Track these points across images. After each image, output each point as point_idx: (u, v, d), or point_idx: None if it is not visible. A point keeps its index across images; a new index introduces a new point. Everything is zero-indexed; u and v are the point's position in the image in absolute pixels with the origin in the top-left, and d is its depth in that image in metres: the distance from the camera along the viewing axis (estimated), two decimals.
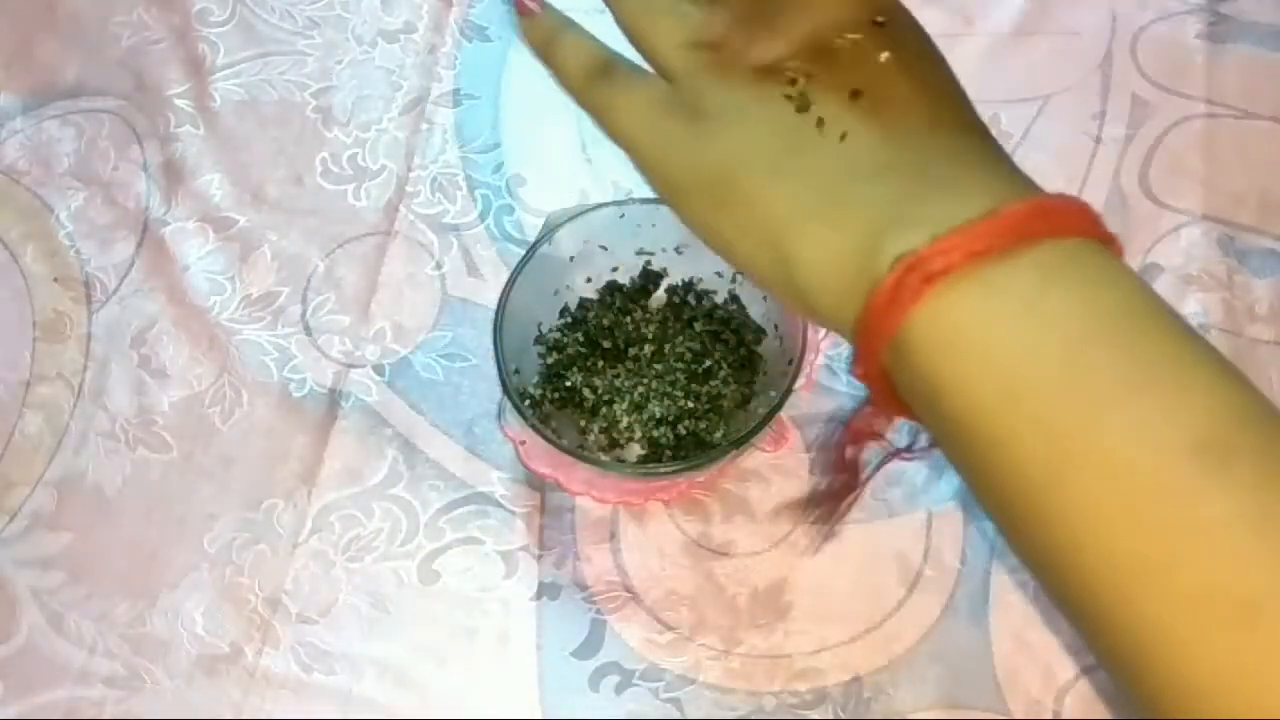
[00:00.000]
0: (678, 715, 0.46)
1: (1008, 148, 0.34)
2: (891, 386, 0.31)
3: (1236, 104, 0.57)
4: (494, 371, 0.46)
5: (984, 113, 0.34)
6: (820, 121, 0.32)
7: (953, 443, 0.30)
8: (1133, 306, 0.29)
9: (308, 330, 0.55)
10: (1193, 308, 0.52)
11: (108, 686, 0.48)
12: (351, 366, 0.54)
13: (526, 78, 0.60)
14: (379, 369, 0.54)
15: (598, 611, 0.48)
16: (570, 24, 0.38)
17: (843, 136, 0.32)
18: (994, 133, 0.34)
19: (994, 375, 0.29)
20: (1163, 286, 0.53)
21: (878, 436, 0.36)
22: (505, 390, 0.45)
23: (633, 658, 0.47)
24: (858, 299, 0.30)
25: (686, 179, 0.34)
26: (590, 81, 0.36)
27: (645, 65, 0.35)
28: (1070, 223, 0.30)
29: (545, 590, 0.49)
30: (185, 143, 0.59)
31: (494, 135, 0.59)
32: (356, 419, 0.52)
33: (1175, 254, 0.54)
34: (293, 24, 0.62)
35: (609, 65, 0.36)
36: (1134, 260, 0.54)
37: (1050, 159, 0.56)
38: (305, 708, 0.47)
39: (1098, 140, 0.56)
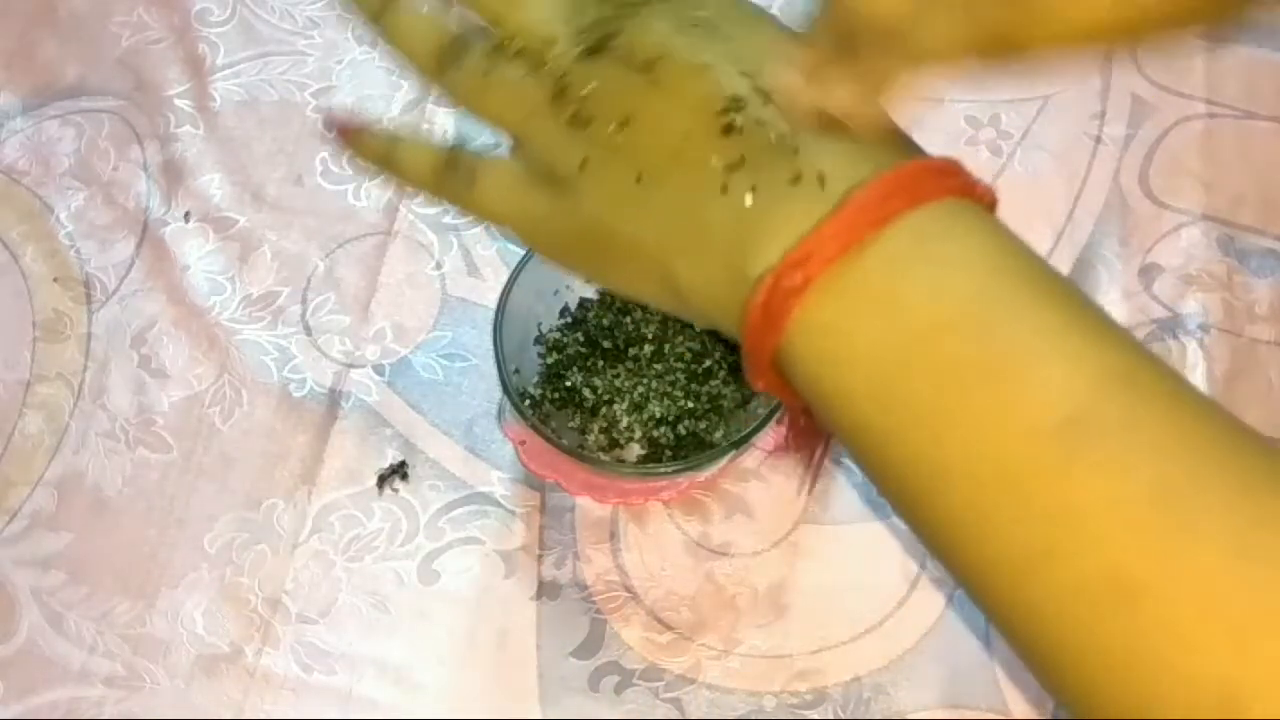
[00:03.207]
0: (678, 715, 0.46)
1: (1008, 148, 0.34)
2: (791, 390, 0.31)
3: (1236, 104, 0.57)
4: (494, 371, 0.46)
5: (984, 113, 0.34)
6: (675, 156, 0.31)
7: (844, 442, 0.30)
8: (989, 281, 0.28)
9: (308, 330, 0.55)
10: (1193, 308, 0.52)
11: (108, 686, 0.48)
12: (351, 366, 0.54)
13: None
14: (379, 369, 0.54)
15: (597, 611, 0.48)
16: (397, 133, 0.38)
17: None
18: (994, 133, 0.34)
19: (864, 376, 0.28)
20: (1163, 286, 0.53)
21: (814, 437, 0.36)
22: (505, 390, 0.45)
23: (633, 658, 0.48)
24: (739, 319, 0.30)
25: (565, 241, 0.34)
26: (440, 179, 0.36)
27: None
28: (924, 189, 0.29)
29: (545, 590, 0.49)
30: (185, 143, 0.59)
31: (494, 135, 0.59)
32: (356, 419, 0.52)
33: (1175, 254, 0.54)
34: (293, 24, 0.62)
35: (453, 158, 0.36)
36: (1134, 260, 0.54)
37: (1050, 159, 0.56)
38: (305, 708, 0.47)
39: (1098, 140, 0.56)
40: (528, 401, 0.48)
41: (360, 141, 0.38)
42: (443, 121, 0.59)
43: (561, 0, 0.34)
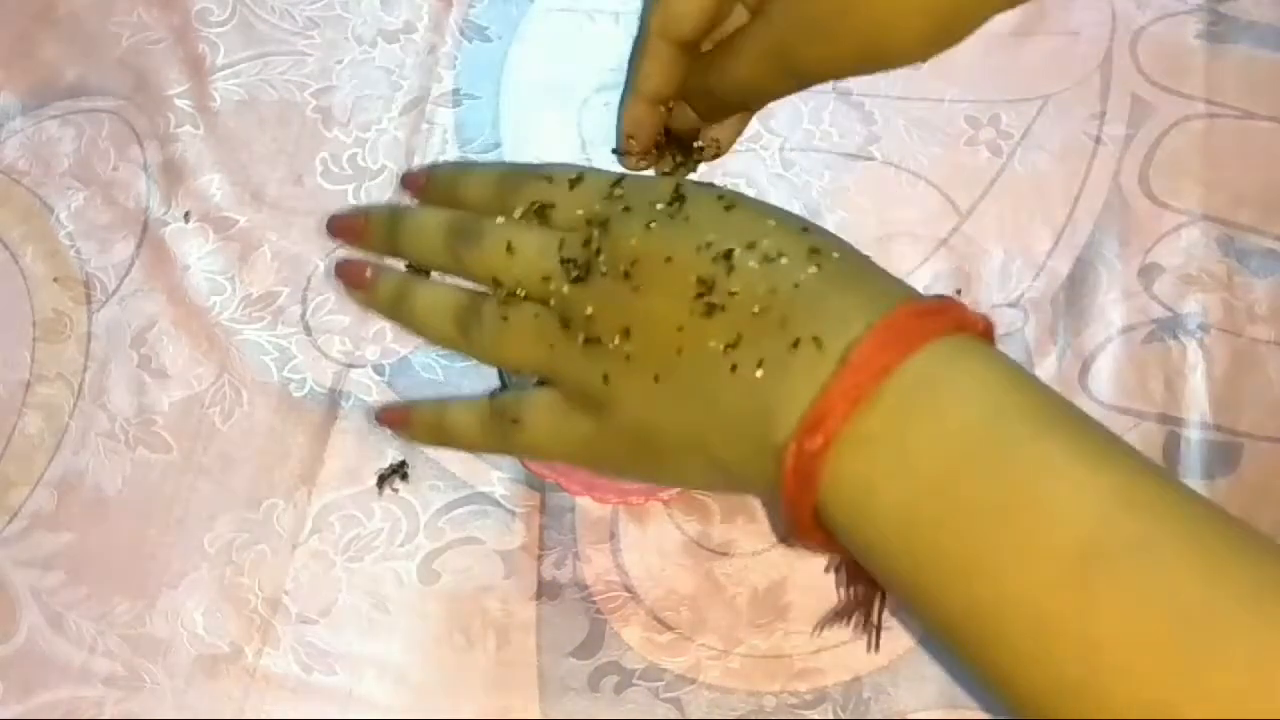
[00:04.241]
0: (678, 715, 0.46)
1: (1008, 148, 0.34)
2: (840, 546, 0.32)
3: (1236, 104, 0.57)
4: (494, 371, 0.46)
5: (984, 113, 0.34)
6: (678, 350, 0.32)
7: (893, 595, 0.31)
8: (988, 420, 0.29)
9: (308, 330, 0.55)
10: (1193, 308, 0.52)
11: (108, 686, 0.48)
12: (351, 366, 0.54)
13: (526, 78, 0.60)
14: (379, 369, 0.54)
15: (597, 611, 0.48)
16: (414, 277, 0.39)
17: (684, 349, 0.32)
18: (994, 133, 0.34)
19: (890, 534, 0.29)
20: (1163, 286, 0.53)
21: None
22: (505, 390, 0.45)
23: (633, 658, 0.48)
24: (778, 488, 0.31)
25: (615, 454, 0.35)
26: (488, 433, 0.38)
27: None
28: (921, 331, 0.30)
29: (545, 590, 0.49)
30: (185, 143, 0.59)
31: (494, 135, 0.59)
32: (356, 419, 0.52)
33: (1175, 254, 0.54)
34: (293, 24, 0.62)
35: (497, 407, 0.37)
36: (1134, 260, 0.54)
37: (1050, 159, 0.56)
38: (305, 708, 0.47)
39: (1098, 140, 0.56)
40: None
41: (371, 289, 0.39)
42: (443, 121, 0.59)
43: (546, 238, 0.35)
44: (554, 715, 0.47)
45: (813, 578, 0.48)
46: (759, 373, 0.31)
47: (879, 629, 0.39)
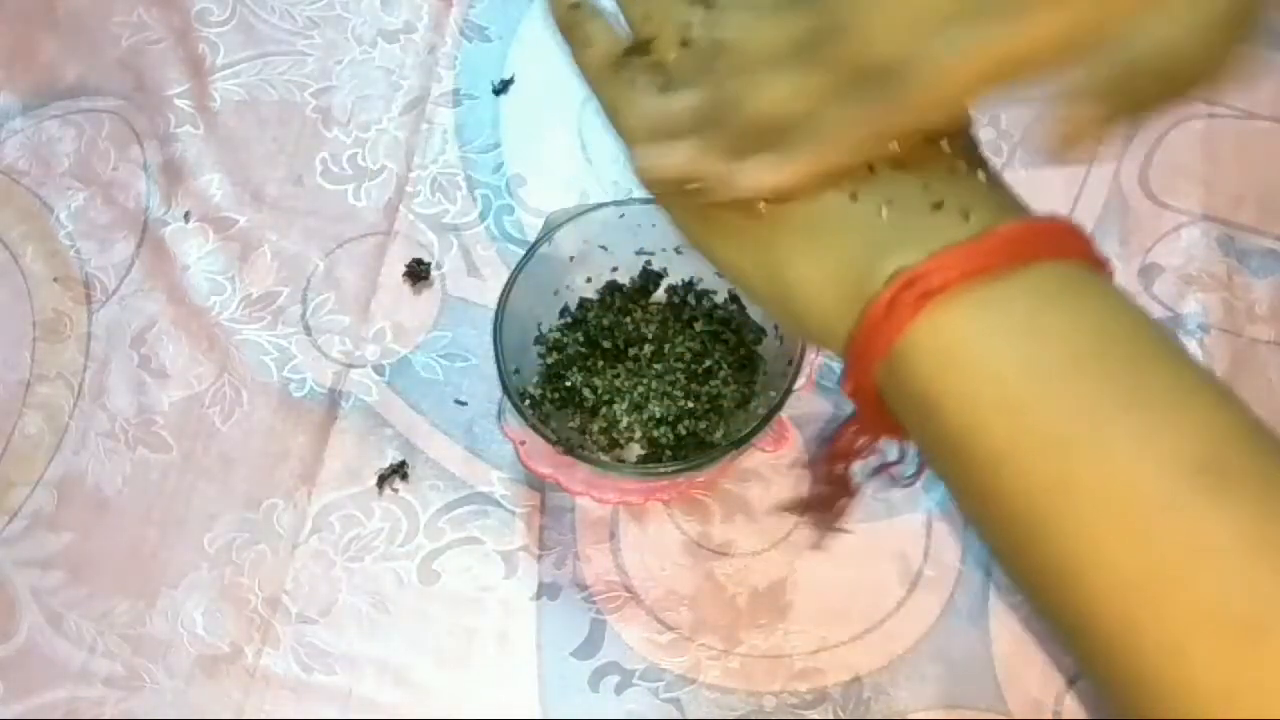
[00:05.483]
0: (678, 715, 0.46)
1: (1008, 148, 0.34)
2: (882, 404, 0.31)
3: (1236, 104, 0.57)
4: (494, 371, 0.46)
5: (984, 112, 0.34)
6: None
7: (949, 460, 0.30)
8: (1127, 329, 0.29)
9: (308, 330, 0.55)
10: (1193, 308, 0.52)
11: (108, 686, 0.48)
12: (351, 366, 0.54)
13: (526, 78, 0.60)
14: (379, 369, 0.54)
15: (598, 611, 0.48)
16: (595, 8, 0.37)
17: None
18: (994, 133, 0.34)
19: (993, 391, 0.29)
20: (1163, 286, 0.53)
21: (859, 455, 0.36)
22: (505, 390, 0.45)
23: (633, 658, 0.48)
24: (851, 315, 0.30)
25: (685, 203, 0.34)
26: (605, 73, 0.35)
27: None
28: (1064, 245, 0.30)
29: (545, 590, 0.49)
30: (185, 143, 0.59)
31: (494, 135, 0.59)
32: (356, 419, 0.52)
33: (1175, 254, 0.54)
34: (293, 24, 0.62)
35: (625, 60, 0.35)
36: (1134, 260, 0.54)
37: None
38: (305, 708, 0.47)
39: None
40: (528, 401, 0.48)
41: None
42: (443, 121, 0.59)
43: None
44: (554, 715, 0.47)
45: (813, 578, 0.48)
46: (884, 211, 0.30)
47: (824, 536, 0.37)
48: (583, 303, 0.51)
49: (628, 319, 0.50)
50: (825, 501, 0.39)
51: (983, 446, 0.29)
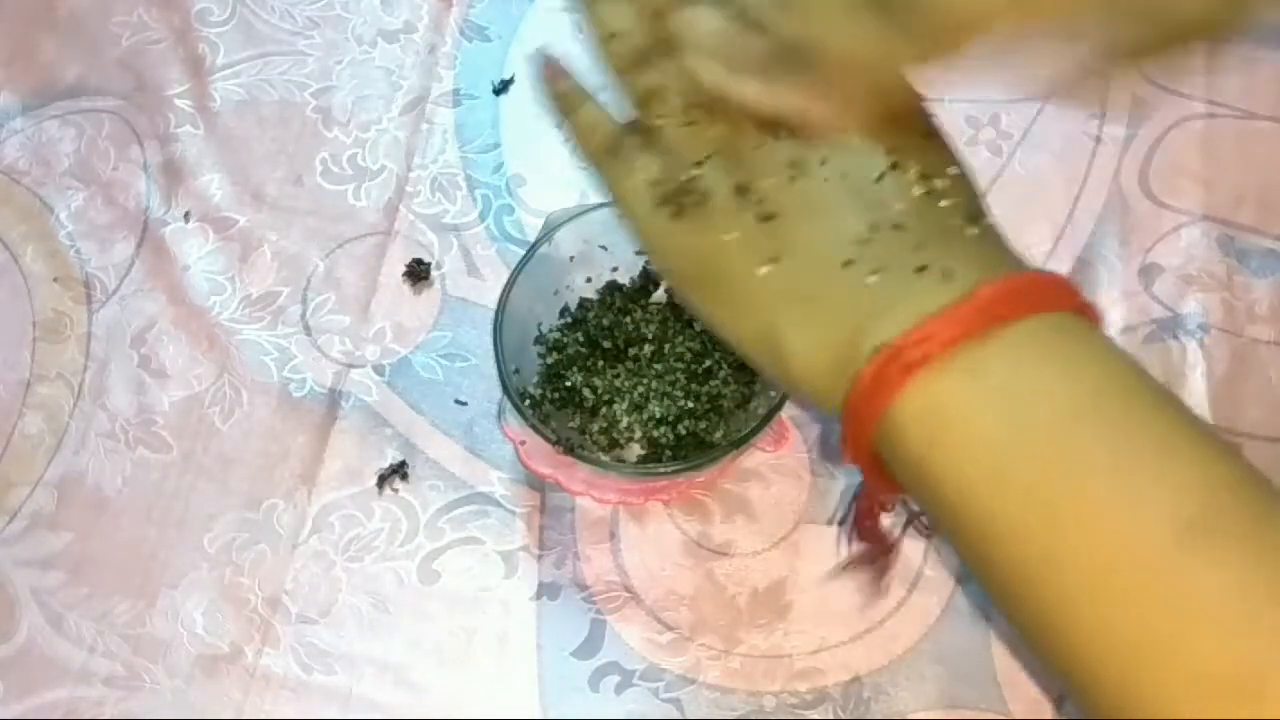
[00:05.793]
0: (678, 715, 0.46)
1: (1008, 148, 0.34)
2: (883, 468, 0.32)
3: (1236, 104, 0.57)
4: (494, 371, 0.46)
5: (984, 112, 0.34)
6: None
7: (946, 522, 0.30)
8: (1113, 382, 0.29)
9: (308, 330, 0.55)
10: (1192, 308, 0.52)
11: (108, 686, 0.48)
12: (351, 366, 0.54)
13: (526, 78, 0.60)
14: (379, 369, 0.54)
15: (598, 611, 0.48)
16: (590, 95, 0.39)
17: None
18: (994, 133, 0.34)
19: (979, 456, 0.29)
20: (1163, 286, 0.53)
21: (885, 509, 0.36)
22: (505, 390, 0.45)
23: (633, 658, 0.48)
24: (843, 384, 0.31)
25: (679, 265, 0.35)
26: (602, 155, 0.37)
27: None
28: (1048, 298, 0.30)
29: (545, 590, 0.49)
30: (185, 143, 0.59)
31: (494, 135, 0.59)
32: (356, 419, 0.52)
33: (1175, 254, 0.54)
34: (293, 24, 0.62)
35: (619, 142, 0.36)
36: (1134, 260, 0.54)
37: (1050, 159, 0.56)
38: (305, 708, 0.47)
39: (1098, 140, 0.56)
40: (528, 401, 0.48)
41: (559, 85, 0.39)
42: (443, 121, 0.59)
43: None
44: (554, 715, 0.47)
45: (813, 578, 0.48)
46: (871, 279, 0.31)
47: (881, 593, 0.38)
48: (583, 303, 0.51)
49: (628, 319, 0.50)
50: (869, 558, 0.39)
51: (973, 514, 0.29)
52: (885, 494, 0.34)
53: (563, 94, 0.39)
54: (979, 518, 0.29)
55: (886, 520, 0.38)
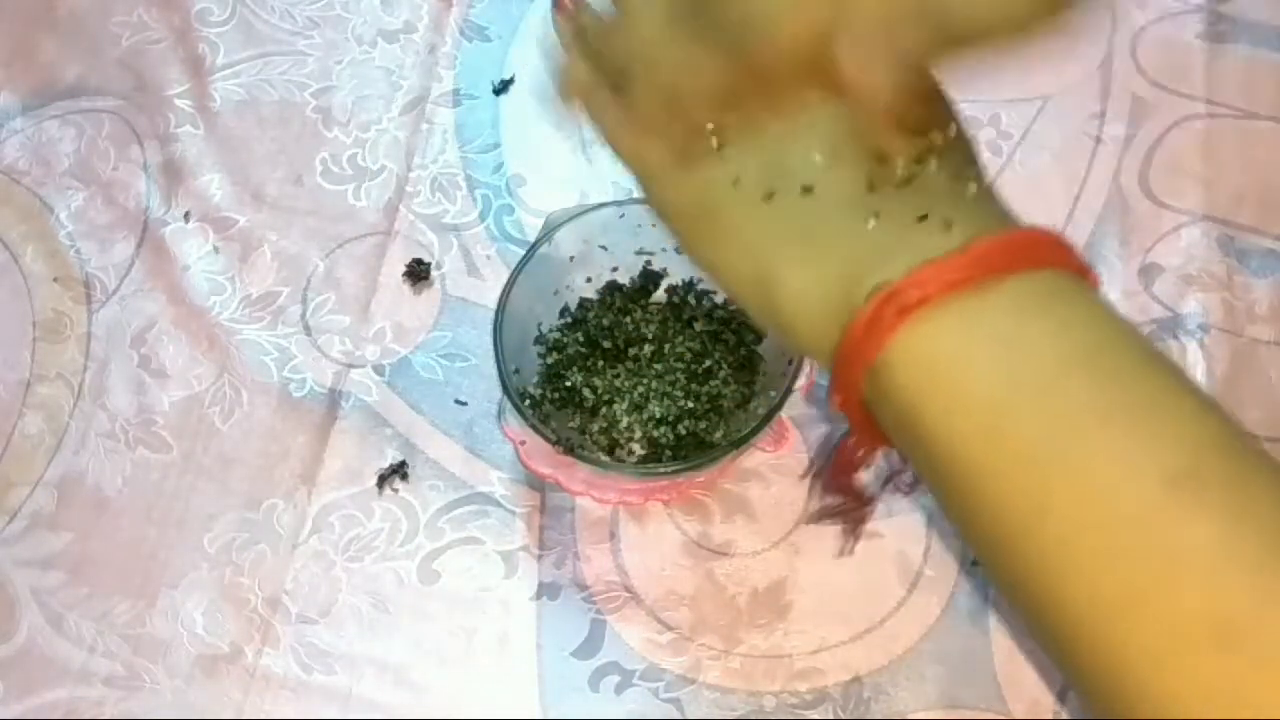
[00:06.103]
0: (678, 715, 0.46)
1: (1008, 148, 0.34)
2: (870, 417, 0.31)
3: (1236, 104, 0.57)
4: (494, 371, 0.46)
5: (984, 112, 0.34)
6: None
7: (932, 472, 0.30)
8: (1107, 339, 0.29)
9: (308, 330, 0.55)
10: (1193, 308, 0.52)
11: (108, 686, 0.48)
12: (351, 366, 0.54)
13: (526, 78, 0.60)
14: (379, 369, 0.54)
15: (598, 611, 0.48)
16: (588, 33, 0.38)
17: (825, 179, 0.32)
18: (994, 133, 0.34)
19: (971, 405, 0.29)
20: (1163, 286, 0.53)
21: (862, 465, 0.36)
22: (505, 390, 0.45)
23: (633, 658, 0.48)
24: (837, 328, 0.30)
25: (678, 200, 0.34)
26: (589, 95, 0.36)
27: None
28: (1046, 255, 0.30)
29: (545, 590, 0.49)
30: (185, 143, 0.59)
31: (494, 135, 0.59)
32: (356, 419, 0.52)
33: (1175, 254, 0.54)
34: (293, 24, 0.62)
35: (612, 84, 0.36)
36: (1134, 260, 0.54)
37: (1050, 159, 0.56)
38: (305, 708, 0.47)
39: (1098, 140, 0.56)
40: (528, 401, 0.48)
41: (565, 16, 0.38)
42: (443, 121, 0.59)
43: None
44: (554, 715, 0.47)
45: (813, 578, 0.48)
46: (871, 223, 0.31)
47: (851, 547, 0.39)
48: (583, 303, 0.51)
49: (628, 319, 0.50)
50: (844, 512, 0.39)
51: (961, 463, 0.29)
52: (870, 445, 0.34)
53: (573, 28, 0.38)
54: (967, 467, 0.29)
55: (864, 476, 0.37)
